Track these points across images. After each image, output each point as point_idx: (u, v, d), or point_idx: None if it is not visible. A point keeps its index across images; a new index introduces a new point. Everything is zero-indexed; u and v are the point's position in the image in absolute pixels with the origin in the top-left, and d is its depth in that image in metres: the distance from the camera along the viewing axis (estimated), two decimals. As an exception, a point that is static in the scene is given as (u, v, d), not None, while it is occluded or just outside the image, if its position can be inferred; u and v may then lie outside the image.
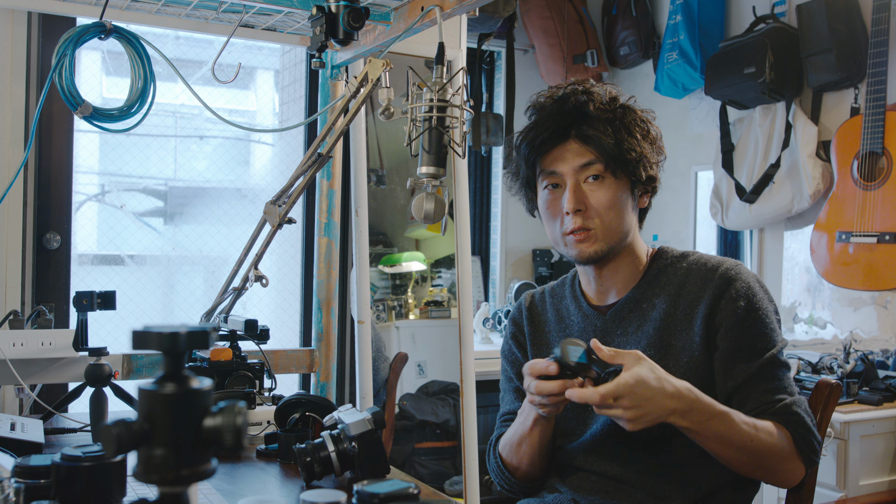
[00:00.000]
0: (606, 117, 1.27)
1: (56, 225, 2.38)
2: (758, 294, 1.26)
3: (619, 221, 1.28)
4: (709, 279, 1.27)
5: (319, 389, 2.10)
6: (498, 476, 1.41)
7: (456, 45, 2.25)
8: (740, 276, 1.26)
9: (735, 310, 1.23)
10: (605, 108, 1.28)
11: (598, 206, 1.26)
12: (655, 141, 1.32)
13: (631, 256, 1.33)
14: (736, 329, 1.23)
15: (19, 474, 0.85)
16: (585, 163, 1.26)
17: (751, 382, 1.22)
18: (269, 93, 3.17)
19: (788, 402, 1.21)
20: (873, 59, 2.53)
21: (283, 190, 1.52)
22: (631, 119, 1.29)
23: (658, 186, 1.34)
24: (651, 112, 1.34)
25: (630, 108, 1.31)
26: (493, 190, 3.81)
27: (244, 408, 0.61)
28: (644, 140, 1.28)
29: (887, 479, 2.28)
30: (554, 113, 1.30)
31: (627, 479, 1.25)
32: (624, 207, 1.28)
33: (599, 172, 1.26)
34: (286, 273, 2.98)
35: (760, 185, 2.92)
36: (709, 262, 1.30)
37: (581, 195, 1.26)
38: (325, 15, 1.50)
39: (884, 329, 2.65)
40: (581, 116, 1.27)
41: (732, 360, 1.22)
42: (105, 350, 1.51)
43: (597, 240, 1.27)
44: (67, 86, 1.61)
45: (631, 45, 3.52)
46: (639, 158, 1.27)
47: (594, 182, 1.27)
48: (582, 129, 1.27)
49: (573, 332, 1.37)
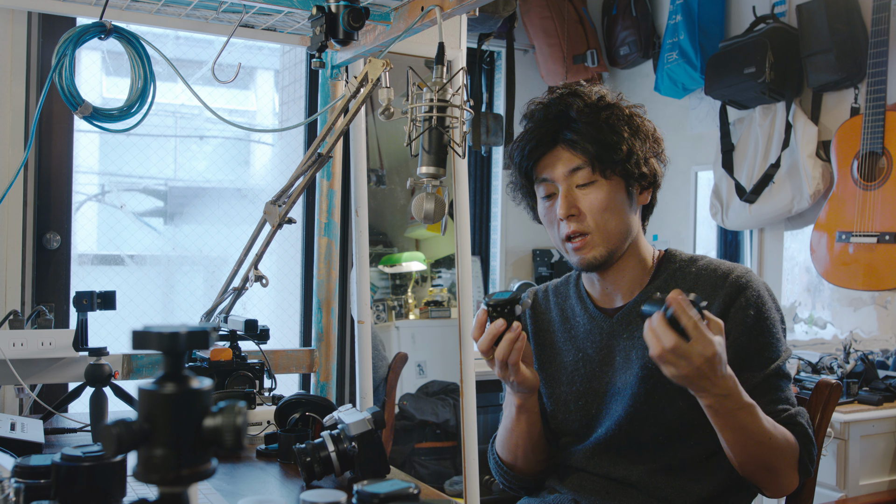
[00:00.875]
0: (591, 119, 1.25)
1: (56, 225, 2.38)
2: (767, 303, 1.25)
3: (617, 223, 1.26)
4: (719, 286, 1.25)
5: (319, 389, 2.10)
6: (498, 473, 1.41)
7: (456, 45, 2.25)
8: (751, 284, 1.25)
9: (744, 318, 1.22)
10: (588, 110, 1.26)
11: (590, 209, 1.25)
12: (649, 135, 1.29)
13: (636, 258, 1.31)
14: (744, 338, 1.22)
15: (19, 474, 0.85)
16: (574, 168, 1.26)
17: (755, 392, 1.20)
18: (269, 93, 3.17)
19: (793, 412, 1.21)
20: (873, 59, 2.53)
21: (283, 190, 1.52)
22: (616, 117, 1.27)
23: (660, 180, 1.32)
24: (640, 106, 1.32)
25: (615, 105, 1.28)
26: (493, 190, 3.81)
27: (244, 408, 0.61)
28: (634, 136, 1.26)
29: (887, 479, 2.28)
30: (541, 120, 1.29)
31: (630, 481, 1.25)
32: (620, 208, 1.27)
33: (588, 176, 1.25)
34: (286, 273, 2.98)
35: (760, 185, 2.92)
36: (719, 268, 1.28)
37: (573, 200, 1.26)
38: (325, 15, 1.50)
39: (884, 329, 2.65)
40: (566, 121, 1.26)
41: (738, 368, 1.20)
42: (105, 350, 1.51)
43: (595, 245, 1.26)
44: (67, 86, 1.61)
45: (631, 45, 3.52)
46: (627, 156, 1.25)
47: (586, 187, 1.26)
48: (567, 133, 1.26)
49: (578, 334, 1.35)
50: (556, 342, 1.39)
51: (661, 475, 1.24)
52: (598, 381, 1.31)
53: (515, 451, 1.34)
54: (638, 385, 1.24)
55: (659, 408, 1.23)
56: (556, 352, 1.37)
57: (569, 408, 1.33)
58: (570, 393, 1.33)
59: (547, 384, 1.37)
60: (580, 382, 1.32)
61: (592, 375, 1.31)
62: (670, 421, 1.23)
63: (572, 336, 1.36)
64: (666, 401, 1.23)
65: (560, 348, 1.37)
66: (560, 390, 1.34)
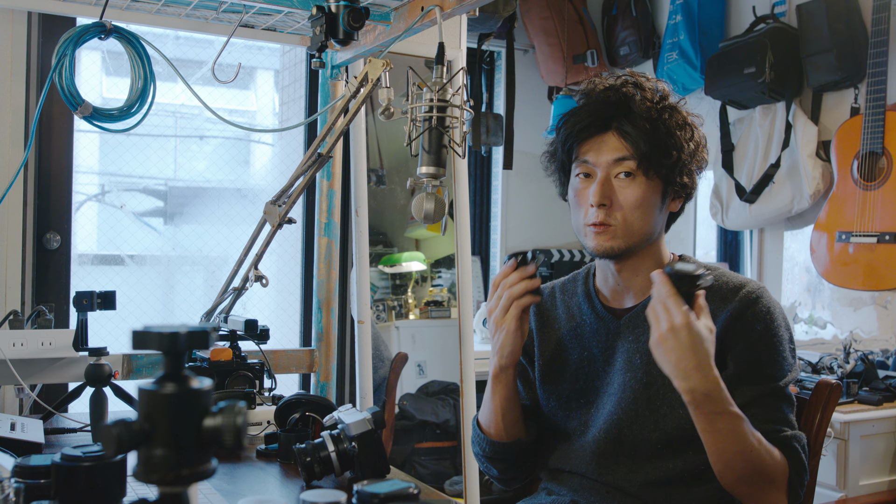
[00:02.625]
0: (650, 115, 1.23)
1: (56, 225, 2.38)
2: (776, 320, 1.22)
3: (644, 222, 1.24)
4: (728, 299, 1.23)
5: (319, 389, 2.10)
6: (475, 443, 1.38)
7: (456, 45, 2.25)
8: (761, 299, 1.23)
9: (750, 332, 1.21)
10: (650, 106, 1.24)
11: (624, 203, 1.23)
12: (698, 147, 1.28)
13: (653, 259, 1.30)
14: (747, 351, 1.21)
15: (19, 474, 0.85)
16: (619, 157, 1.23)
17: (752, 407, 1.19)
18: (269, 93, 3.17)
19: (789, 434, 1.19)
20: (873, 59, 2.53)
21: (283, 190, 1.52)
22: (676, 120, 1.25)
23: (694, 193, 1.30)
24: (699, 117, 1.30)
25: (677, 108, 1.26)
26: (493, 190, 3.81)
27: (244, 408, 0.61)
28: (686, 144, 1.25)
29: (887, 479, 2.27)
30: (599, 101, 1.26)
31: (629, 491, 1.25)
32: (651, 209, 1.25)
33: (631, 170, 1.23)
34: (286, 273, 2.98)
35: (760, 185, 2.92)
36: (730, 281, 1.26)
37: (609, 189, 1.24)
38: (325, 15, 1.50)
39: (884, 329, 2.65)
40: (625, 110, 1.24)
41: (737, 380, 1.20)
42: (105, 350, 1.51)
43: (615, 236, 1.24)
44: (67, 86, 1.61)
45: (631, 45, 3.52)
46: (676, 162, 1.23)
47: (625, 178, 1.23)
48: (623, 123, 1.23)
49: (585, 332, 1.34)
50: (561, 339, 1.38)
51: (660, 487, 1.23)
52: (601, 380, 1.30)
53: (493, 418, 1.32)
54: (642, 389, 1.24)
55: (661, 414, 1.23)
56: (561, 349, 1.37)
57: (570, 405, 1.33)
58: (572, 391, 1.33)
59: (550, 380, 1.37)
60: (583, 381, 1.32)
61: (595, 375, 1.31)
62: (671, 429, 1.22)
63: (578, 334, 1.35)
64: (668, 408, 1.22)
65: (566, 346, 1.36)
66: (563, 387, 1.34)
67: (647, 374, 1.24)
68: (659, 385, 1.23)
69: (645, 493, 1.23)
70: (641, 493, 1.24)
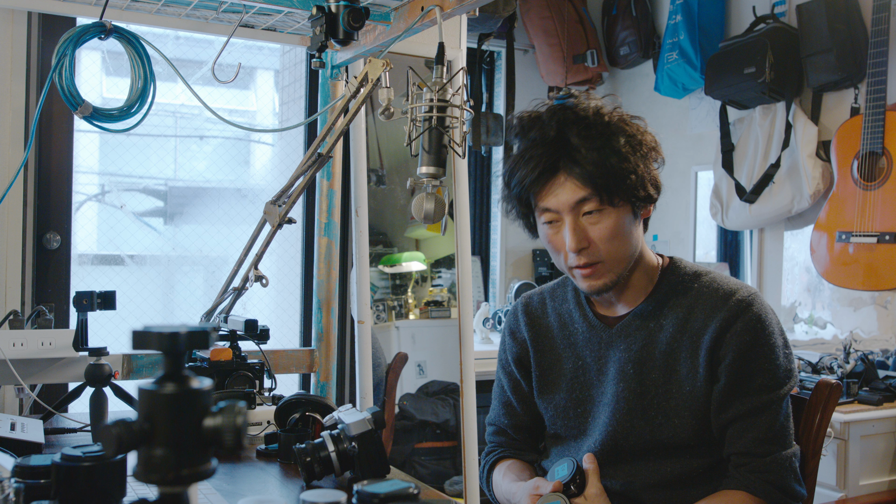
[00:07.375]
0: (593, 145, 1.18)
1: (56, 225, 2.37)
2: (767, 328, 1.20)
3: (625, 247, 1.22)
4: (719, 307, 1.21)
5: (319, 389, 2.10)
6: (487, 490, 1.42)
7: (456, 45, 2.25)
8: (752, 307, 1.20)
9: (740, 343, 1.19)
10: (588, 133, 1.18)
11: (600, 238, 1.20)
12: (650, 152, 1.24)
13: (640, 270, 1.28)
14: (738, 362, 1.19)
15: (19, 474, 0.85)
16: (580, 199, 1.19)
17: (744, 422, 1.18)
18: (269, 93, 3.17)
19: (777, 456, 1.18)
20: (873, 59, 2.53)
21: (283, 190, 1.52)
22: (619, 138, 1.19)
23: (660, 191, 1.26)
24: (641, 119, 1.26)
25: (617, 124, 1.21)
26: (493, 190, 3.81)
27: (244, 408, 0.61)
28: (638, 156, 1.20)
29: (887, 479, 2.27)
30: (538, 144, 1.21)
31: (628, 495, 1.25)
32: (628, 232, 1.22)
33: (595, 207, 1.19)
34: (286, 273, 2.98)
35: (760, 185, 2.92)
36: (721, 287, 1.24)
37: (582, 232, 1.20)
38: (325, 15, 1.50)
39: (884, 329, 2.65)
40: (566, 148, 1.19)
41: (729, 393, 1.18)
42: (105, 350, 1.51)
43: (606, 272, 1.22)
44: (67, 86, 1.61)
45: (631, 45, 3.52)
46: (636, 182, 1.19)
47: (593, 215, 1.20)
48: (569, 164, 1.18)
49: (577, 341, 1.33)
50: (556, 348, 1.37)
51: (659, 490, 1.23)
52: (596, 390, 1.30)
53: (505, 498, 1.34)
54: (636, 400, 1.24)
55: (656, 423, 1.22)
56: (556, 358, 1.36)
57: (568, 415, 1.33)
58: (569, 400, 1.33)
59: (547, 390, 1.36)
60: (579, 390, 1.32)
61: (590, 384, 1.31)
62: (666, 437, 1.22)
63: (571, 343, 1.34)
64: (662, 417, 1.22)
65: (560, 355, 1.36)
66: (560, 397, 1.34)
67: (641, 384, 1.24)
68: (653, 395, 1.23)
69: (644, 495, 1.24)
70: (641, 495, 1.24)
